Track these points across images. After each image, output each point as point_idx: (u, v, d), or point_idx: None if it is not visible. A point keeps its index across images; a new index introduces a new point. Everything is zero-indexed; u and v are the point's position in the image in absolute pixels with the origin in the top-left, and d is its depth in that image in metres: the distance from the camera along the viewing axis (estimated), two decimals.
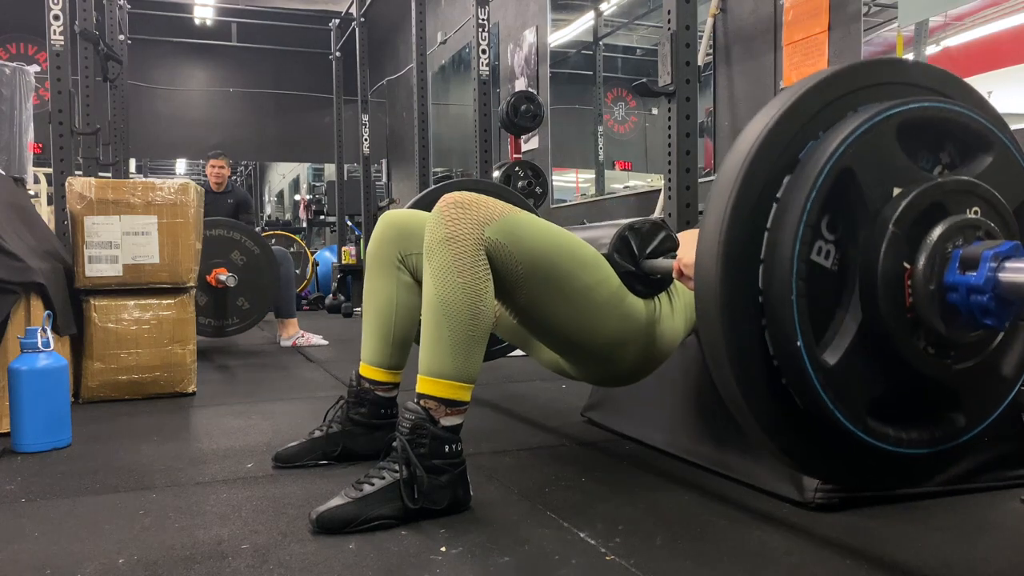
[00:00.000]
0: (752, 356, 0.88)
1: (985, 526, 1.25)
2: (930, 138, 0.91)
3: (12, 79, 2.70)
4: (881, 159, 0.87)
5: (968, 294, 0.83)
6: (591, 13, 5.76)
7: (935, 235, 0.85)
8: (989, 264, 0.82)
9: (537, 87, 5.64)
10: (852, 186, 0.85)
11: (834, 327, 0.87)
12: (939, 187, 0.87)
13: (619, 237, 1.46)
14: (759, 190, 0.86)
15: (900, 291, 0.85)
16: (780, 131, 0.87)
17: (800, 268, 0.84)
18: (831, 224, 0.87)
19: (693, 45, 2.32)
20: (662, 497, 1.42)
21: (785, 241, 0.84)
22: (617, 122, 5.83)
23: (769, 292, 0.86)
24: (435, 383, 1.30)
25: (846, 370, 0.86)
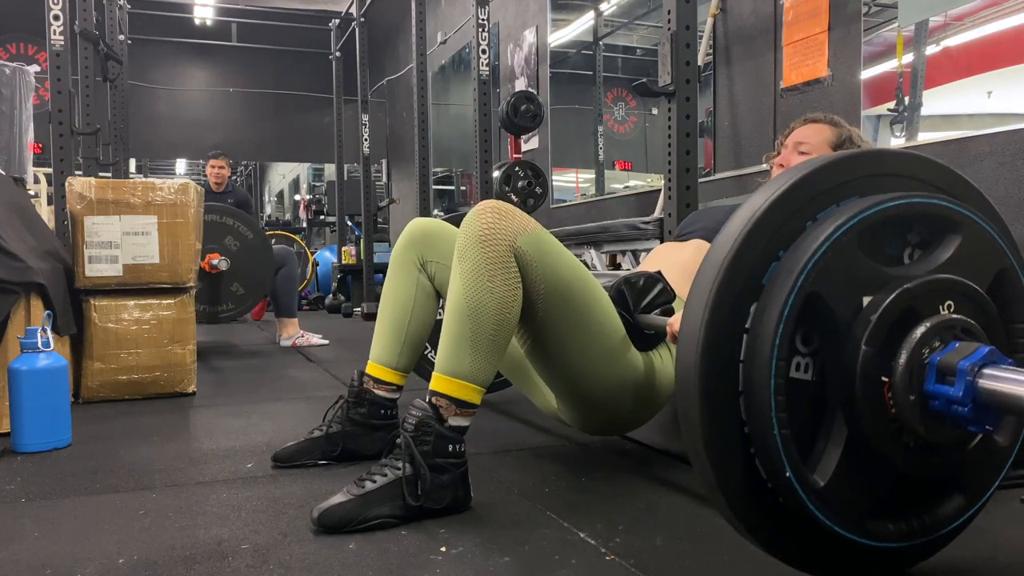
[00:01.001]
0: (747, 484, 0.88)
1: (985, 526, 1.24)
2: (894, 230, 0.89)
3: (12, 79, 2.70)
4: (846, 272, 0.85)
5: (948, 404, 0.82)
6: (591, 13, 5.76)
7: (911, 343, 0.84)
8: (966, 377, 0.81)
9: (537, 87, 5.64)
10: (820, 307, 0.84)
11: (821, 441, 0.87)
12: (908, 293, 0.85)
13: (616, 290, 1.48)
14: (728, 321, 0.85)
15: (881, 404, 0.85)
16: (741, 256, 0.85)
17: (779, 402, 0.83)
18: (806, 337, 0.85)
19: (693, 45, 2.32)
20: (662, 497, 1.42)
21: (760, 376, 0.83)
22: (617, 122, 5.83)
23: (752, 424, 0.85)
24: (450, 381, 1.31)
25: (839, 487, 0.86)
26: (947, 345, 0.85)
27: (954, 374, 0.82)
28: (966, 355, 0.82)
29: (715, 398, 0.85)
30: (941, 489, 0.94)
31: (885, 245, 0.89)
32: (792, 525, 0.89)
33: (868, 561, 0.94)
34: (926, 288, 0.86)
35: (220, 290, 3.79)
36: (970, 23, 2.69)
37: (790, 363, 0.85)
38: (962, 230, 0.90)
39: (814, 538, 0.90)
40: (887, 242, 0.89)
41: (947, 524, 0.94)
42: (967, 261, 0.90)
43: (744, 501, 0.88)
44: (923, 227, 0.90)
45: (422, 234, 1.66)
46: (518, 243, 1.32)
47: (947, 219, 0.90)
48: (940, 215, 0.90)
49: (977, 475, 0.95)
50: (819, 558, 0.93)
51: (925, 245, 0.91)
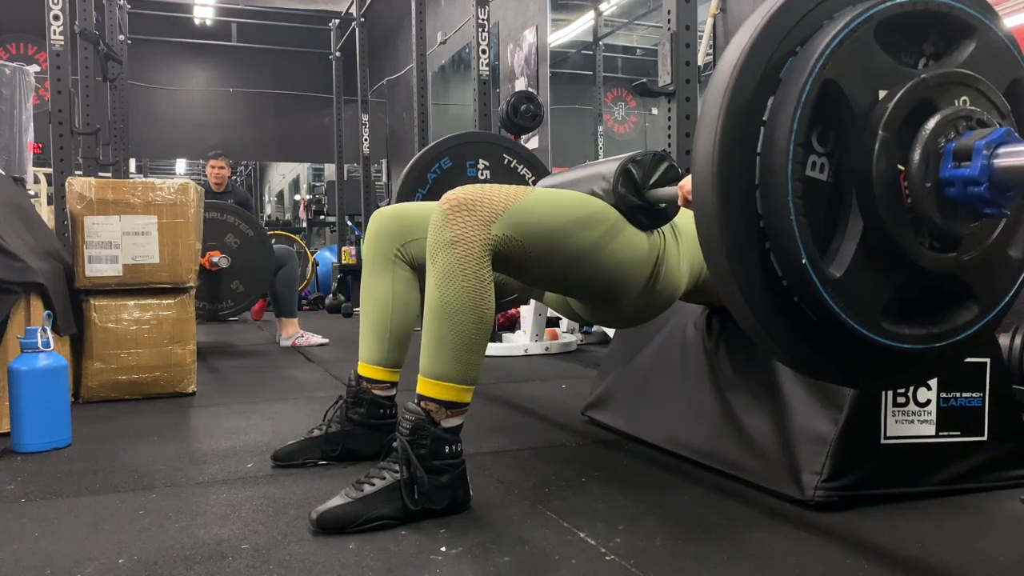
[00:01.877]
0: (762, 281, 0.87)
1: (985, 526, 1.25)
2: (910, 32, 0.90)
3: (12, 79, 2.70)
4: (863, 64, 0.85)
5: (965, 187, 0.82)
6: (591, 13, 5.77)
7: (926, 132, 0.84)
8: (982, 154, 0.81)
9: (537, 87, 5.64)
10: (837, 97, 0.84)
11: (838, 238, 0.87)
12: (924, 83, 0.85)
13: (622, 171, 1.46)
14: (745, 116, 0.85)
15: (897, 193, 0.85)
16: (758, 53, 0.86)
17: (796, 187, 0.83)
18: (822, 137, 0.86)
19: (693, 45, 2.32)
20: (662, 497, 1.42)
21: (778, 164, 0.84)
22: (617, 122, 5.83)
23: (769, 216, 0.85)
24: (436, 385, 1.30)
25: (854, 279, 0.86)
26: (963, 134, 0.85)
27: (970, 156, 0.82)
28: (983, 136, 0.82)
29: (731, 190, 0.85)
30: (956, 295, 0.94)
31: (901, 52, 0.89)
32: (806, 323, 0.89)
33: (882, 365, 0.94)
34: (942, 80, 0.86)
35: (220, 287, 3.80)
36: None
37: (806, 161, 0.85)
38: (977, 35, 0.90)
39: (828, 336, 0.89)
40: (903, 49, 0.89)
41: (962, 332, 0.94)
42: (983, 66, 0.90)
43: (760, 296, 0.88)
44: (938, 34, 0.91)
45: (390, 225, 1.64)
46: (493, 232, 1.30)
47: (962, 22, 0.90)
48: (955, 17, 0.90)
49: (990, 284, 0.94)
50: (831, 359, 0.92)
51: (939, 55, 0.91)
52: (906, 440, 1.35)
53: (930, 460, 1.36)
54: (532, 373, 3.01)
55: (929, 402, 1.37)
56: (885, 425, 1.33)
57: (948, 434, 1.37)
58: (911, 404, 1.35)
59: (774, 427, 1.43)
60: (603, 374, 2.07)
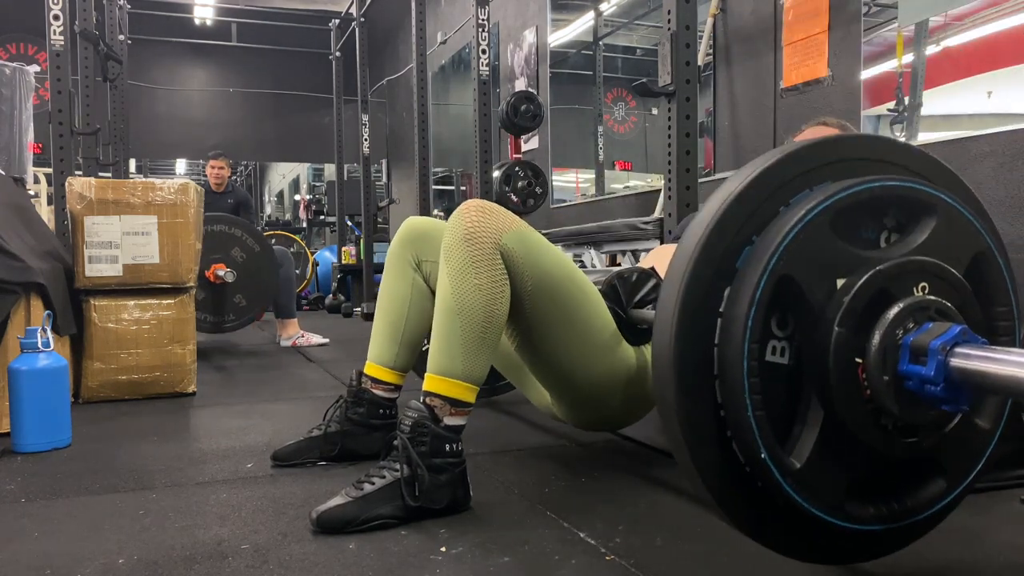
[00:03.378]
0: (725, 468, 0.88)
1: (985, 526, 1.25)
2: (869, 213, 0.89)
3: (12, 79, 2.70)
4: (818, 255, 0.85)
5: (922, 384, 0.82)
6: (591, 13, 5.76)
7: (883, 325, 0.84)
8: (937, 355, 0.80)
9: (537, 87, 5.63)
10: (793, 290, 0.84)
11: (798, 425, 0.87)
12: (880, 275, 0.85)
13: (608, 285, 1.48)
14: (702, 306, 0.85)
15: (856, 386, 0.84)
16: (714, 241, 0.85)
17: (753, 384, 0.83)
18: (781, 321, 0.85)
19: (693, 45, 2.32)
20: (662, 497, 1.42)
21: (734, 358, 0.83)
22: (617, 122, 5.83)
23: (727, 407, 0.85)
24: (442, 381, 1.31)
25: (815, 468, 0.86)
26: (921, 326, 0.84)
27: (926, 354, 0.82)
28: (938, 334, 0.82)
29: (691, 382, 0.85)
30: (921, 472, 0.93)
31: (860, 228, 0.89)
32: (771, 508, 0.89)
33: (848, 545, 0.94)
34: (899, 269, 0.86)
35: (224, 301, 3.80)
36: (970, 23, 2.69)
37: (765, 346, 0.85)
38: (937, 212, 0.90)
39: (793, 521, 0.90)
40: (862, 225, 0.89)
41: (928, 507, 0.94)
42: (943, 244, 0.90)
43: (723, 484, 0.88)
44: (898, 211, 0.90)
45: (416, 234, 1.66)
46: (503, 240, 1.32)
47: (921, 202, 0.90)
48: (914, 198, 0.89)
49: (958, 458, 0.94)
50: (799, 541, 0.93)
51: (901, 228, 0.91)
52: None
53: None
54: None
55: None
56: None
57: None
58: None
59: None
60: None
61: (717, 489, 0.88)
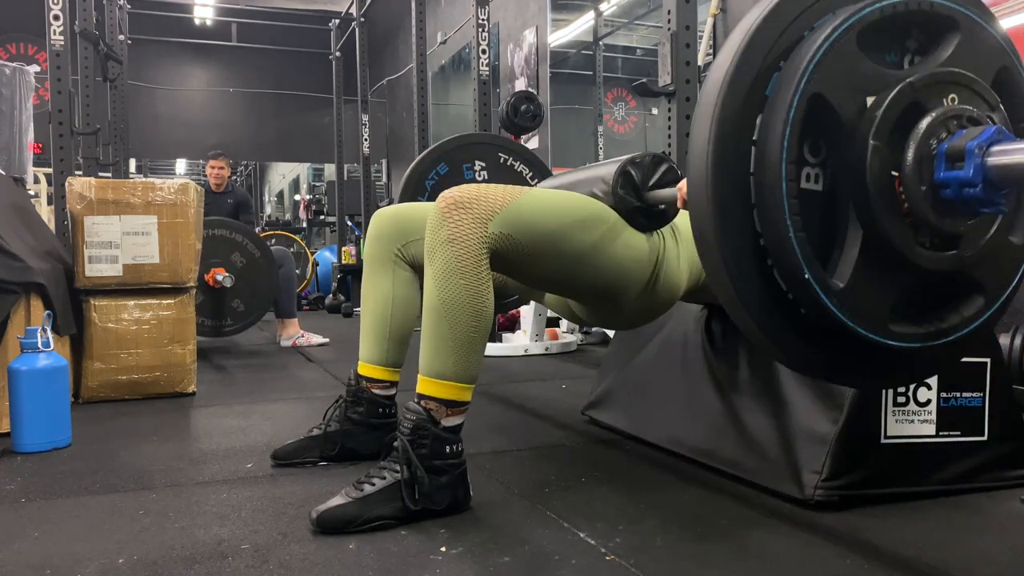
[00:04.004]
0: (767, 297, 0.88)
1: (985, 526, 1.25)
2: (893, 32, 0.89)
3: (12, 79, 2.70)
4: (847, 73, 0.85)
5: (960, 188, 0.82)
6: (591, 13, 5.77)
7: (917, 136, 0.84)
8: (975, 155, 0.81)
9: (537, 87, 5.64)
10: (825, 110, 0.84)
11: (838, 247, 0.87)
12: (911, 87, 0.85)
13: (621, 172, 1.46)
14: (734, 138, 0.85)
15: (893, 199, 0.85)
16: (741, 74, 0.85)
17: (792, 205, 0.83)
18: (813, 147, 0.86)
19: (693, 45, 2.32)
20: (662, 496, 1.42)
21: (772, 184, 0.84)
22: (617, 122, 5.83)
23: (768, 234, 0.86)
24: (436, 384, 1.30)
25: (859, 288, 0.86)
26: (954, 134, 0.85)
27: (963, 158, 0.82)
28: (973, 136, 0.82)
29: (729, 213, 0.85)
30: (961, 289, 0.94)
31: (885, 52, 0.89)
32: (815, 334, 0.89)
33: (893, 365, 0.94)
34: (929, 81, 0.86)
35: (221, 305, 3.80)
36: None
37: (800, 172, 0.85)
38: (961, 28, 0.90)
39: (838, 344, 0.90)
40: (887, 49, 0.90)
41: (969, 324, 0.94)
42: (968, 59, 0.90)
43: (766, 313, 0.88)
44: (921, 30, 0.90)
45: (391, 224, 1.65)
46: (489, 230, 1.30)
47: (945, 17, 0.90)
48: (938, 13, 0.90)
49: (994, 274, 0.94)
50: (843, 364, 0.93)
51: (924, 50, 0.91)
52: (906, 440, 1.35)
53: (930, 460, 1.36)
54: (532, 373, 3.01)
55: (929, 402, 1.37)
56: (885, 425, 1.33)
57: (948, 434, 1.37)
58: (911, 404, 1.35)
59: (774, 426, 1.43)
60: (603, 373, 2.07)
61: (761, 318, 0.88)
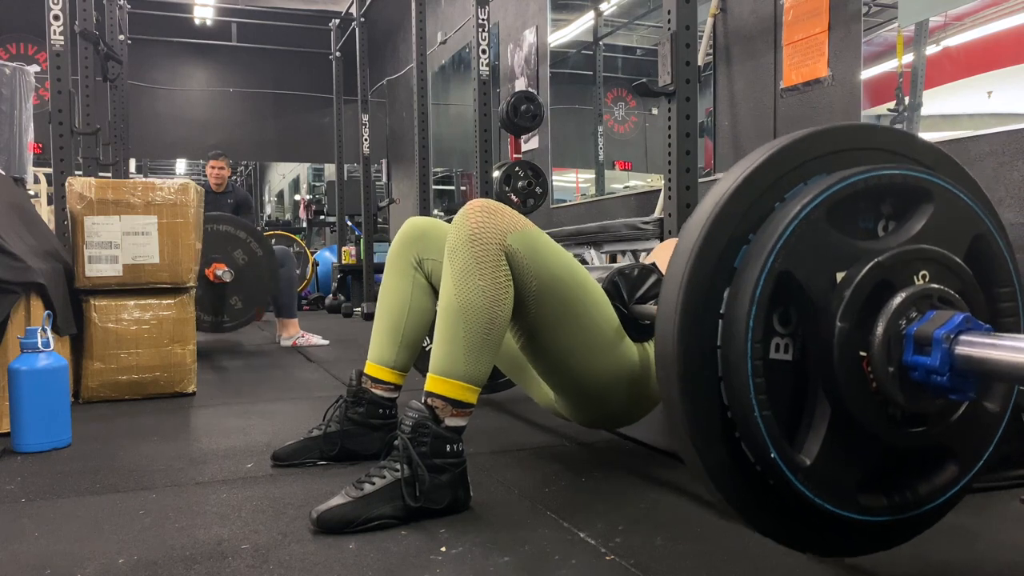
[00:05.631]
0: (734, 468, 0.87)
1: (985, 526, 1.25)
2: (866, 204, 0.88)
3: (12, 79, 2.70)
4: (816, 249, 0.84)
5: (928, 374, 0.82)
6: (591, 13, 5.76)
7: (886, 317, 0.83)
8: (941, 345, 0.80)
9: (537, 87, 5.63)
10: (793, 286, 0.83)
11: (806, 421, 0.86)
12: (879, 266, 0.84)
13: (609, 281, 1.48)
14: (702, 308, 0.85)
15: (862, 379, 0.84)
16: (710, 244, 0.84)
17: (758, 384, 0.82)
18: (783, 317, 0.85)
19: (693, 45, 2.32)
20: (662, 497, 1.42)
21: (737, 359, 0.83)
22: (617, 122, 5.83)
23: (734, 409, 0.85)
24: (445, 382, 1.31)
25: (826, 464, 0.85)
26: (924, 315, 0.84)
27: (931, 344, 0.81)
28: (941, 324, 0.81)
29: (696, 385, 0.85)
30: (933, 460, 0.93)
31: (858, 219, 0.89)
32: (784, 505, 0.89)
33: (862, 537, 0.93)
34: (899, 259, 0.85)
35: (219, 301, 3.80)
36: (970, 23, 2.69)
37: (768, 344, 0.84)
38: (934, 198, 0.89)
39: (807, 517, 0.89)
40: (860, 216, 0.89)
41: (943, 494, 0.93)
42: (942, 229, 0.89)
43: (733, 484, 0.88)
44: (895, 199, 0.90)
45: (418, 233, 1.66)
46: (508, 241, 1.32)
47: (917, 188, 0.89)
48: (910, 185, 0.89)
49: (968, 443, 0.94)
50: (813, 536, 0.92)
51: (899, 216, 0.90)
52: None
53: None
54: None
55: None
56: None
57: None
58: None
59: None
60: None
61: (728, 489, 0.88)
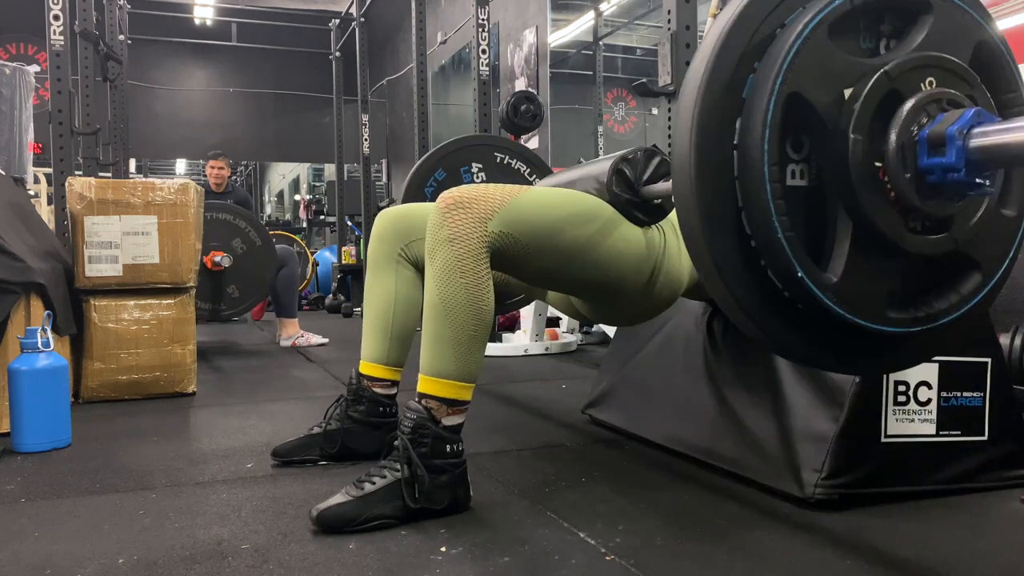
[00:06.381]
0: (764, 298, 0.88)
1: (985, 526, 1.25)
2: (866, 20, 0.89)
3: (12, 79, 2.70)
4: (822, 68, 0.85)
5: (944, 174, 0.82)
6: (591, 13, 5.77)
7: (897, 125, 0.84)
8: (955, 141, 0.80)
9: (537, 87, 5.63)
10: (803, 107, 0.84)
11: (829, 240, 0.87)
12: (886, 76, 0.85)
13: (615, 170, 1.45)
14: (716, 143, 0.85)
15: (880, 189, 0.85)
16: (717, 79, 0.85)
17: (778, 206, 0.83)
18: (795, 143, 0.86)
19: (693, 45, 2.33)
20: (662, 496, 1.42)
21: (756, 186, 0.84)
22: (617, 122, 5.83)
23: (758, 237, 0.86)
24: (437, 383, 1.31)
25: (853, 280, 0.86)
26: (935, 118, 0.84)
27: (944, 143, 0.81)
28: (953, 121, 0.82)
29: (717, 219, 0.86)
30: (957, 268, 0.93)
31: (859, 38, 0.89)
32: (814, 327, 0.89)
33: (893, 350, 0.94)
34: (904, 68, 0.86)
35: (217, 289, 3.79)
36: None
37: (784, 171, 0.85)
38: (933, 8, 0.90)
39: (837, 336, 0.89)
40: (861, 35, 0.89)
41: (968, 301, 0.94)
42: (943, 39, 0.90)
43: (763, 312, 0.88)
44: (894, 15, 0.90)
45: (394, 224, 1.66)
46: (489, 228, 1.30)
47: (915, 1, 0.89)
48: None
49: (989, 249, 0.94)
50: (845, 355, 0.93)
51: (899, 33, 0.91)
52: (906, 439, 1.35)
53: (930, 459, 1.36)
54: (532, 373, 3.01)
55: (930, 401, 1.37)
56: (885, 424, 1.33)
57: (948, 433, 1.37)
58: (912, 403, 1.35)
59: (774, 425, 1.43)
60: (604, 372, 2.07)
61: (759, 317, 0.88)
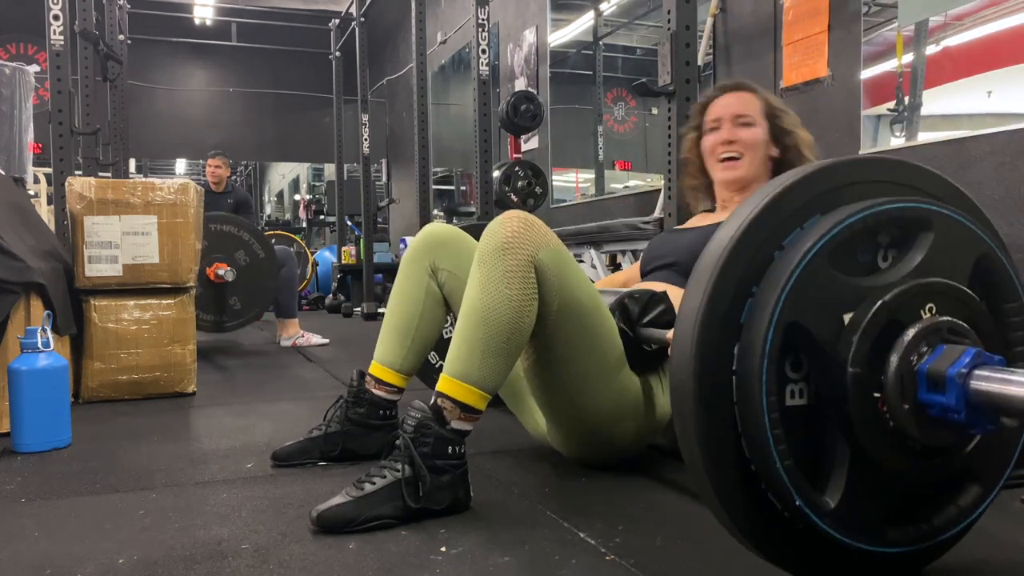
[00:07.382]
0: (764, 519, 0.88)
1: (985, 526, 1.24)
2: (864, 240, 0.88)
3: (12, 79, 2.70)
4: (821, 295, 0.84)
5: (944, 412, 0.81)
6: (591, 13, 5.77)
7: (897, 356, 0.83)
8: (956, 384, 0.79)
9: (537, 87, 5.63)
10: (801, 334, 0.83)
11: (827, 463, 0.87)
12: (885, 307, 0.84)
13: (619, 303, 1.47)
14: (715, 369, 0.85)
15: (878, 420, 0.84)
16: (715, 302, 0.84)
17: (777, 435, 0.82)
18: (795, 363, 0.85)
19: (693, 45, 2.33)
20: (662, 497, 1.42)
21: (754, 415, 0.83)
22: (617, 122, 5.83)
23: (757, 464, 0.85)
24: (458, 385, 1.31)
25: (851, 504, 0.85)
26: (935, 350, 0.83)
27: (944, 383, 0.80)
28: (952, 361, 0.81)
29: (716, 445, 0.85)
30: (957, 484, 0.93)
31: (858, 255, 0.88)
32: (816, 547, 0.89)
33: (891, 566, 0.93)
34: (903, 296, 0.85)
35: (220, 301, 3.80)
36: (970, 23, 2.69)
37: (783, 393, 0.84)
38: (933, 226, 0.89)
39: (836, 555, 0.90)
40: (859, 251, 0.88)
41: (969, 515, 0.94)
42: (944, 256, 0.89)
43: (766, 536, 0.89)
44: (893, 229, 0.89)
45: (436, 241, 1.65)
46: (539, 255, 1.32)
47: (915, 219, 0.89)
48: (907, 217, 0.88)
49: (989, 463, 0.94)
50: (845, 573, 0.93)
51: (898, 244, 0.90)
52: None
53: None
54: None
55: None
56: None
57: None
58: None
59: None
60: None
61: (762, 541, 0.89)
